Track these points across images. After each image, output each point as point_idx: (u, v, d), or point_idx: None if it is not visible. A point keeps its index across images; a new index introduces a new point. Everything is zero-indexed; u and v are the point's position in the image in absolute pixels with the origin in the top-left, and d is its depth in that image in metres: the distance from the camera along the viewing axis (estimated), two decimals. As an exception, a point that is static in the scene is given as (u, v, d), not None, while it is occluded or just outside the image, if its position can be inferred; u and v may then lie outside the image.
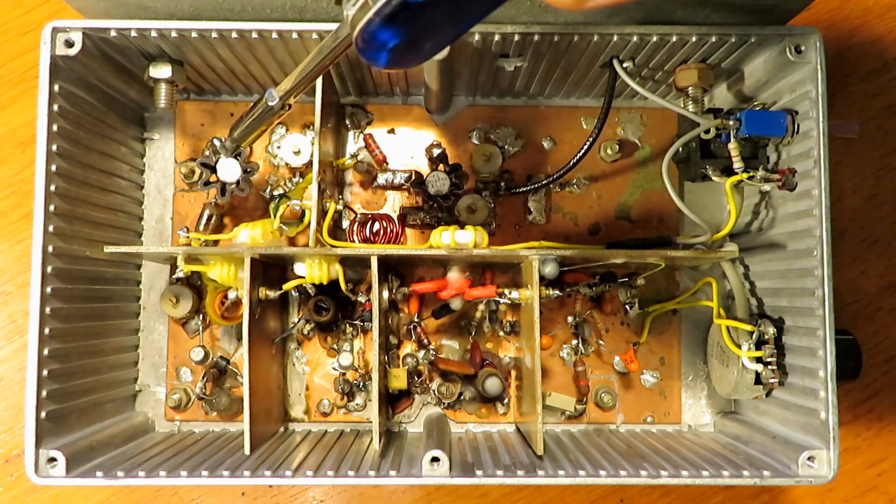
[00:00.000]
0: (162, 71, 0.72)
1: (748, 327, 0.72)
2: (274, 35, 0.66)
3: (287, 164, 0.80)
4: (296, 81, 0.61)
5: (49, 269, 0.66)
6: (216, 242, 0.79)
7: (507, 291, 0.75)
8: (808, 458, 0.65)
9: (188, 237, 0.76)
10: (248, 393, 0.68)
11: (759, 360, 0.71)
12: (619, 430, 0.83)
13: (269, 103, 0.63)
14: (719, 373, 0.78)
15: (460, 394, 0.81)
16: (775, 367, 0.71)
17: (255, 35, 0.66)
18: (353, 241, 0.81)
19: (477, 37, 0.66)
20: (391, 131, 0.83)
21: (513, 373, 0.83)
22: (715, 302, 0.77)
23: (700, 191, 0.82)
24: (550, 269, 0.72)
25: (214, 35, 0.67)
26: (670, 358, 0.84)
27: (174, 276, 0.81)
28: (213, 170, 0.75)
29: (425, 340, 0.82)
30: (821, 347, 0.65)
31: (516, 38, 0.67)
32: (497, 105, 0.84)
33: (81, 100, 0.70)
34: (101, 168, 0.74)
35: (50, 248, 0.66)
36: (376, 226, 0.82)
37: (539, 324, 0.69)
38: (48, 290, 0.66)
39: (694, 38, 0.67)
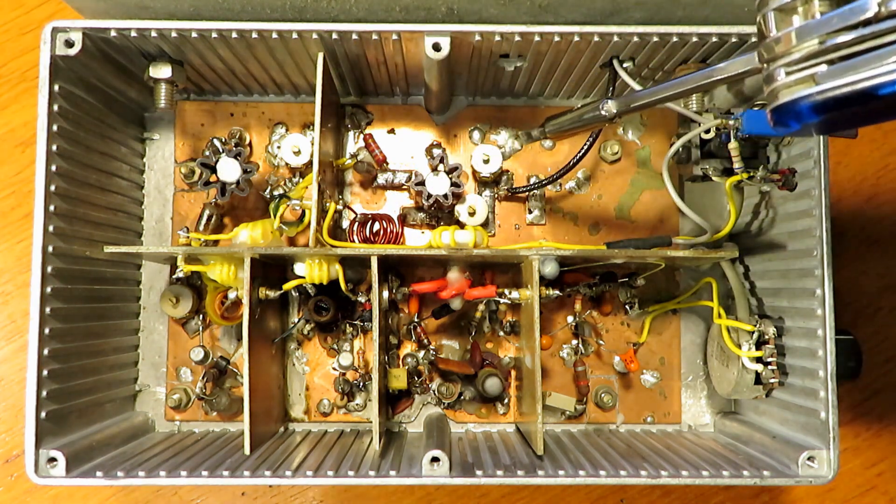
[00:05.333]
0: (162, 71, 0.72)
1: (748, 327, 0.72)
2: (274, 35, 0.66)
3: (287, 164, 0.80)
4: (648, 100, 0.59)
5: (49, 269, 0.66)
6: (216, 242, 0.79)
7: (507, 291, 0.75)
8: (808, 458, 0.65)
9: (188, 237, 0.76)
10: (248, 393, 0.68)
11: (759, 360, 0.71)
12: (619, 430, 0.83)
13: (602, 113, 0.62)
14: (719, 373, 0.78)
15: (460, 394, 0.81)
16: (775, 368, 0.71)
17: (255, 35, 0.66)
18: (353, 241, 0.81)
19: (477, 37, 0.66)
20: (391, 131, 0.83)
21: (513, 373, 0.83)
22: (715, 302, 0.77)
23: (700, 191, 0.82)
24: (550, 269, 0.72)
25: (214, 35, 0.66)
26: (670, 358, 0.84)
27: (174, 276, 0.81)
28: (213, 170, 0.75)
29: (425, 340, 0.82)
30: (821, 347, 0.65)
31: (516, 38, 0.67)
32: (497, 105, 0.84)
33: (81, 100, 0.70)
34: (101, 168, 0.74)
35: (50, 248, 0.66)
36: (376, 226, 0.82)
37: (539, 324, 0.69)
38: (48, 290, 0.66)
39: (694, 39, 0.67)
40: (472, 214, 0.79)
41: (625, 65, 0.71)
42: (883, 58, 0.33)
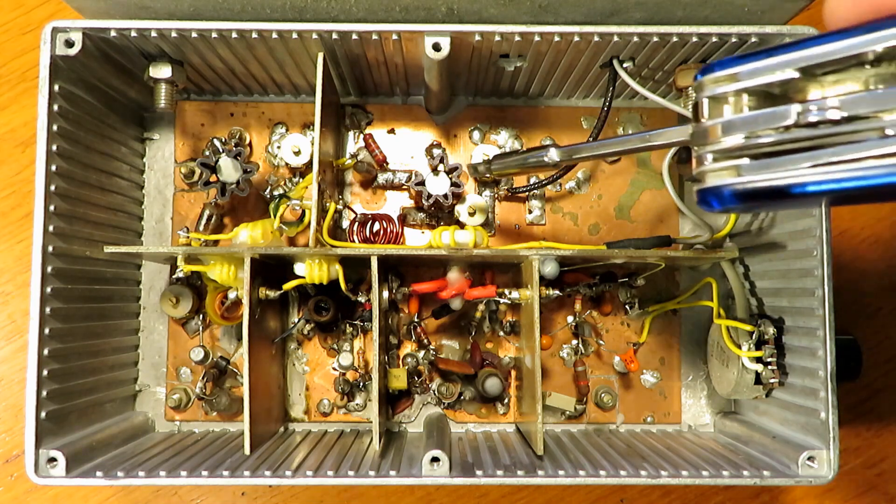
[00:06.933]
0: (162, 71, 0.72)
1: (748, 327, 0.72)
2: (274, 35, 0.66)
3: (287, 164, 0.80)
4: (589, 154, 0.64)
5: (49, 269, 0.66)
6: (216, 242, 0.79)
7: (507, 291, 0.75)
8: (808, 458, 0.65)
9: (188, 237, 0.76)
10: (248, 393, 0.68)
11: (759, 360, 0.71)
12: (619, 430, 0.83)
13: (545, 160, 0.66)
14: (719, 373, 0.78)
15: (460, 394, 0.81)
16: (775, 367, 0.71)
17: (255, 35, 0.66)
18: (353, 241, 0.81)
19: (477, 37, 0.66)
20: (391, 131, 0.83)
21: (513, 373, 0.83)
22: (715, 302, 0.77)
23: (700, 191, 0.82)
24: (550, 269, 0.72)
25: (214, 35, 0.66)
26: (670, 358, 0.84)
27: (174, 276, 0.81)
28: (213, 170, 0.75)
29: (425, 340, 0.82)
30: (821, 347, 0.65)
31: (516, 38, 0.67)
32: (497, 105, 0.84)
33: (81, 100, 0.70)
34: (101, 168, 0.74)
35: (50, 248, 0.66)
36: (376, 226, 0.82)
37: (539, 324, 0.69)
38: (48, 290, 0.66)
39: (694, 39, 0.67)
40: (472, 214, 0.79)
41: (625, 65, 0.71)
42: (798, 161, 0.36)
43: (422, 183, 0.77)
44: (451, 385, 0.81)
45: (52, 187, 0.66)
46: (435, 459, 0.65)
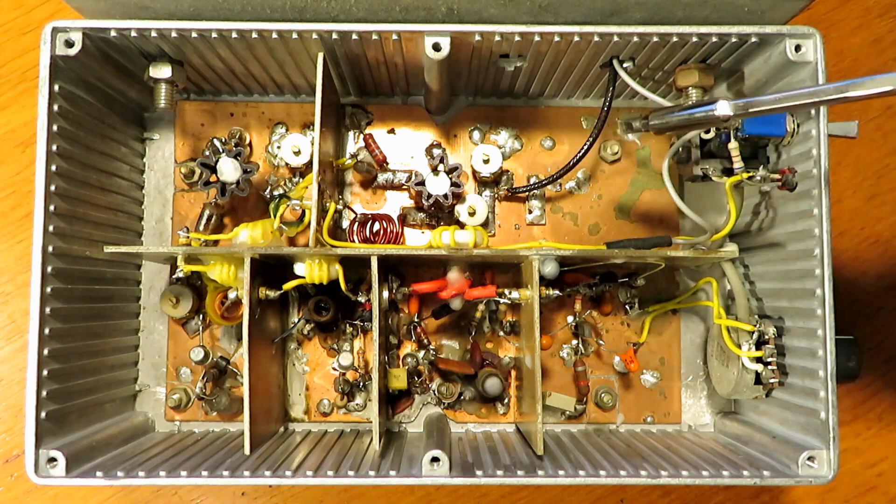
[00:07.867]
0: (162, 71, 0.72)
1: (748, 327, 0.72)
2: (274, 35, 0.66)
3: (287, 164, 0.80)
4: (769, 107, 0.55)
5: (49, 269, 0.66)
6: (216, 242, 0.79)
7: (507, 291, 0.75)
8: (808, 458, 0.65)
9: (188, 237, 0.76)
10: (248, 393, 0.68)
11: (759, 360, 0.71)
12: (619, 430, 0.83)
13: (715, 114, 0.57)
14: (719, 373, 0.78)
15: (460, 394, 0.81)
16: (775, 368, 0.71)
17: (255, 35, 0.66)
18: (353, 241, 0.81)
19: (477, 37, 0.66)
20: (391, 131, 0.83)
21: (513, 373, 0.83)
22: (715, 302, 0.77)
23: (700, 191, 0.82)
24: (550, 269, 0.72)
25: (214, 35, 0.66)
26: (670, 358, 0.84)
27: (174, 276, 0.81)
28: (213, 170, 0.75)
29: (425, 340, 0.82)
30: (821, 348, 0.65)
31: (516, 38, 0.67)
32: (497, 105, 0.84)
33: (81, 100, 0.70)
34: (101, 168, 0.74)
35: (50, 248, 0.66)
36: (376, 226, 0.82)
37: (539, 324, 0.69)
38: (48, 290, 0.66)
39: (694, 39, 0.67)
40: (472, 214, 0.79)
41: (625, 65, 0.71)
42: None
43: (422, 183, 0.77)
44: (451, 385, 0.81)
45: (52, 187, 0.66)
46: (435, 459, 0.65)
